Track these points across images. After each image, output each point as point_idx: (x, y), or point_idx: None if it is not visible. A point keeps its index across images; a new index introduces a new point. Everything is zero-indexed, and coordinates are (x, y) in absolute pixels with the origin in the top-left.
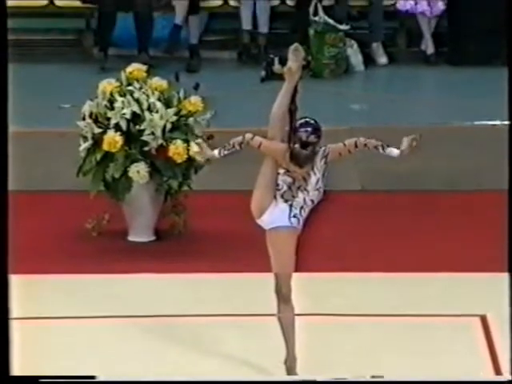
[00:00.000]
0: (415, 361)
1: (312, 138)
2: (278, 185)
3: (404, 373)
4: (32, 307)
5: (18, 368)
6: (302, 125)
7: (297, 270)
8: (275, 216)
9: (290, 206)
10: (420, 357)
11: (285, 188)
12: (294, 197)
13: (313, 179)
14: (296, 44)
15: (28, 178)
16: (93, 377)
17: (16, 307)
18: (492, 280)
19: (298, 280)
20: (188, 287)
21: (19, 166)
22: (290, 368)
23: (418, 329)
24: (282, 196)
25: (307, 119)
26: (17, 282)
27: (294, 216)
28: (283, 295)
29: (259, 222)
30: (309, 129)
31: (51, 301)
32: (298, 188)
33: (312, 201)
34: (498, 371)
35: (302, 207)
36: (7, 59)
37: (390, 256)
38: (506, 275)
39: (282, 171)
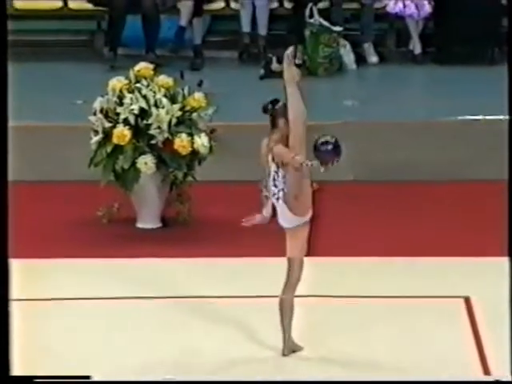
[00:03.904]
0: (400, 341)
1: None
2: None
3: (389, 354)
4: (48, 289)
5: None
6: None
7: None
8: None
9: None
10: (406, 337)
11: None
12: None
13: None
14: (292, 47)
15: (44, 168)
16: (88, 377)
17: (32, 289)
18: (475, 264)
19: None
20: (192, 271)
21: (36, 157)
22: (288, 347)
23: (404, 310)
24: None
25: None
26: (33, 266)
27: None
28: (297, 282)
29: (296, 221)
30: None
31: (65, 283)
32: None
33: None
34: (480, 350)
35: None
36: (7, 56)
37: (380, 243)
38: (488, 259)
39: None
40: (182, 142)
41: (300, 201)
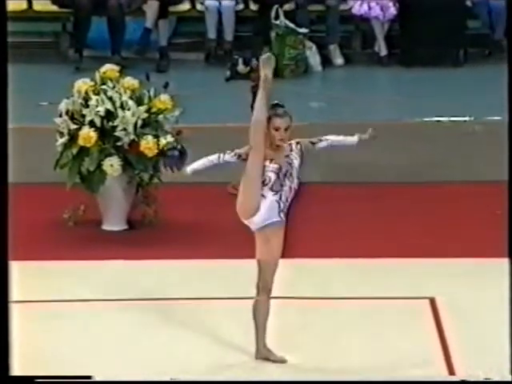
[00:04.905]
0: (368, 342)
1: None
2: (264, 180)
3: (354, 354)
4: (13, 291)
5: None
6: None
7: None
8: (267, 214)
9: (279, 198)
10: (374, 338)
11: (273, 179)
12: (282, 186)
13: (296, 163)
14: (268, 54)
15: (9, 170)
16: (89, 377)
17: None
18: (440, 265)
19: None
20: (157, 273)
21: None
22: (260, 351)
23: (370, 311)
24: (272, 188)
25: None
26: None
27: (282, 210)
28: (267, 285)
29: (247, 222)
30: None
31: (30, 285)
32: (285, 175)
33: (295, 189)
34: (445, 349)
35: (287, 198)
36: (7, 59)
37: (347, 243)
38: (454, 260)
39: (267, 163)
40: (147, 144)
41: (239, 201)
